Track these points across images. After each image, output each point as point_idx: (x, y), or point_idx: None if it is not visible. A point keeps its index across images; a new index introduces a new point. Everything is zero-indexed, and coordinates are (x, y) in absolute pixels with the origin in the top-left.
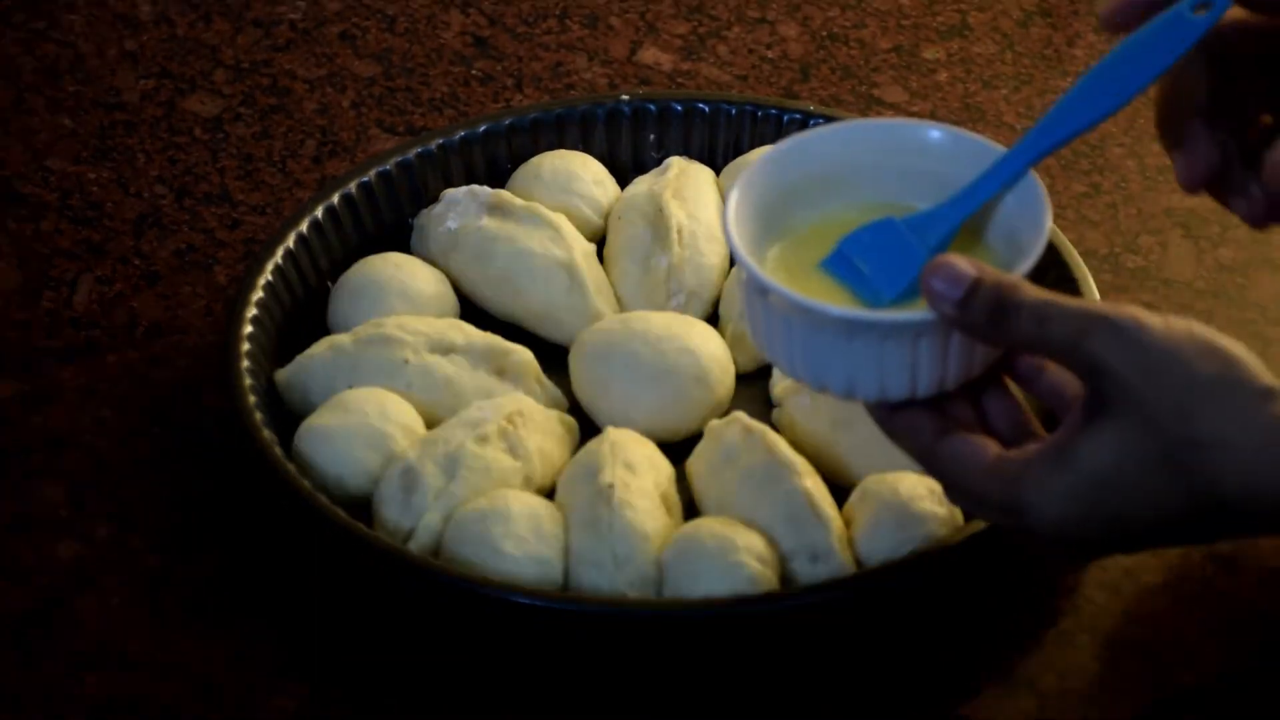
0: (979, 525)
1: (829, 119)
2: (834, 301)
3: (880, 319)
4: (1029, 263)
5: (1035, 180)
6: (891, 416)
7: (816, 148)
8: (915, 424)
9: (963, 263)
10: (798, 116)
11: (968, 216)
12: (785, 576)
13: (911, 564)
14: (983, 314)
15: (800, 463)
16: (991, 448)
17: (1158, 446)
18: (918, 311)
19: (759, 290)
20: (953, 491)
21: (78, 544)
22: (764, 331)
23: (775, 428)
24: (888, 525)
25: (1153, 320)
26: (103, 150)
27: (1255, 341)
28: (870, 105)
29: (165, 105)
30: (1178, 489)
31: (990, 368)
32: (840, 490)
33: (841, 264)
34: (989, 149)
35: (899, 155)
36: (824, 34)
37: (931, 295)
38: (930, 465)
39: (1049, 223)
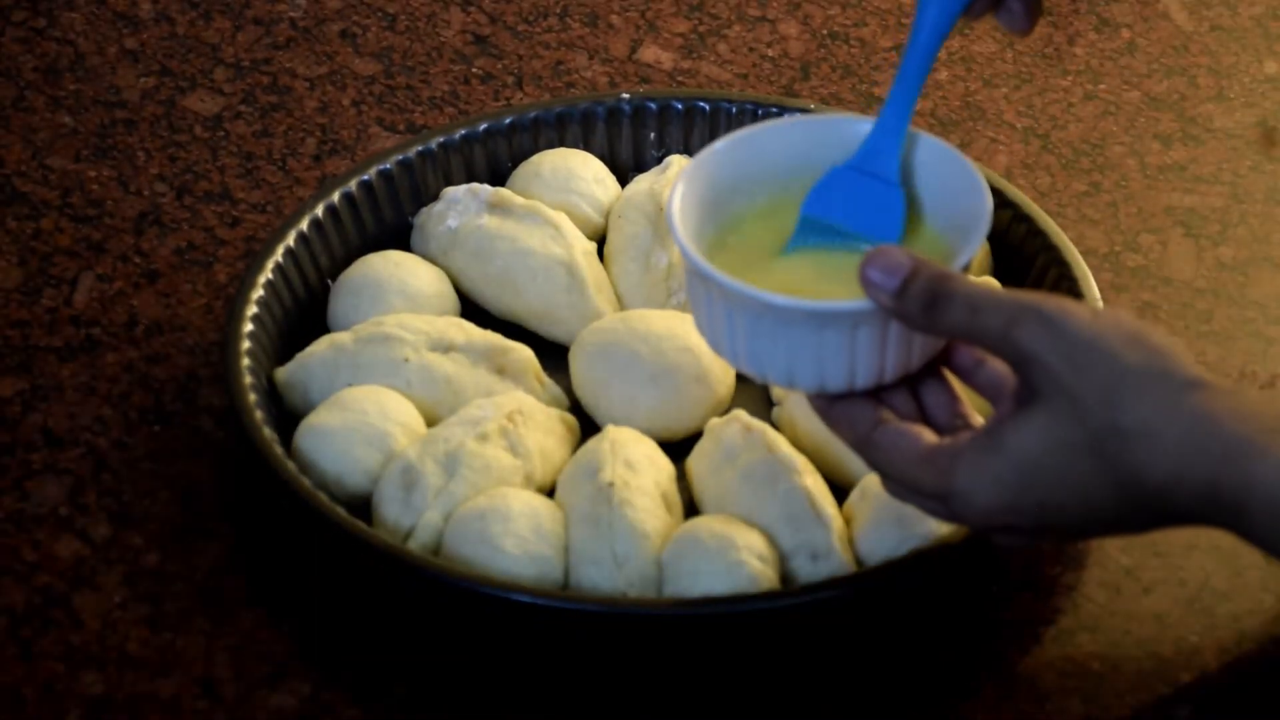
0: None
1: None
2: (803, 282)
3: (817, 307)
4: (968, 252)
5: (974, 171)
6: (830, 406)
7: (758, 143)
8: (853, 414)
9: (900, 253)
10: (798, 115)
11: (900, 138)
12: (785, 575)
13: (912, 563)
14: (917, 303)
15: (800, 461)
16: (926, 436)
17: (1084, 434)
18: (855, 301)
19: (701, 279)
20: (888, 480)
21: (78, 542)
22: (707, 321)
23: (775, 426)
24: (888, 524)
25: (1081, 310)
26: (103, 148)
27: (1255, 340)
28: (870, 103)
29: (165, 103)
30: (1104, 477)
31: (929, 361)
32: (840, 489)
33: (812, 232)
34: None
35: (837, 150)
36: (824, 32)
37: (868, 284)
38: (866, 454)
39: (987, 205)
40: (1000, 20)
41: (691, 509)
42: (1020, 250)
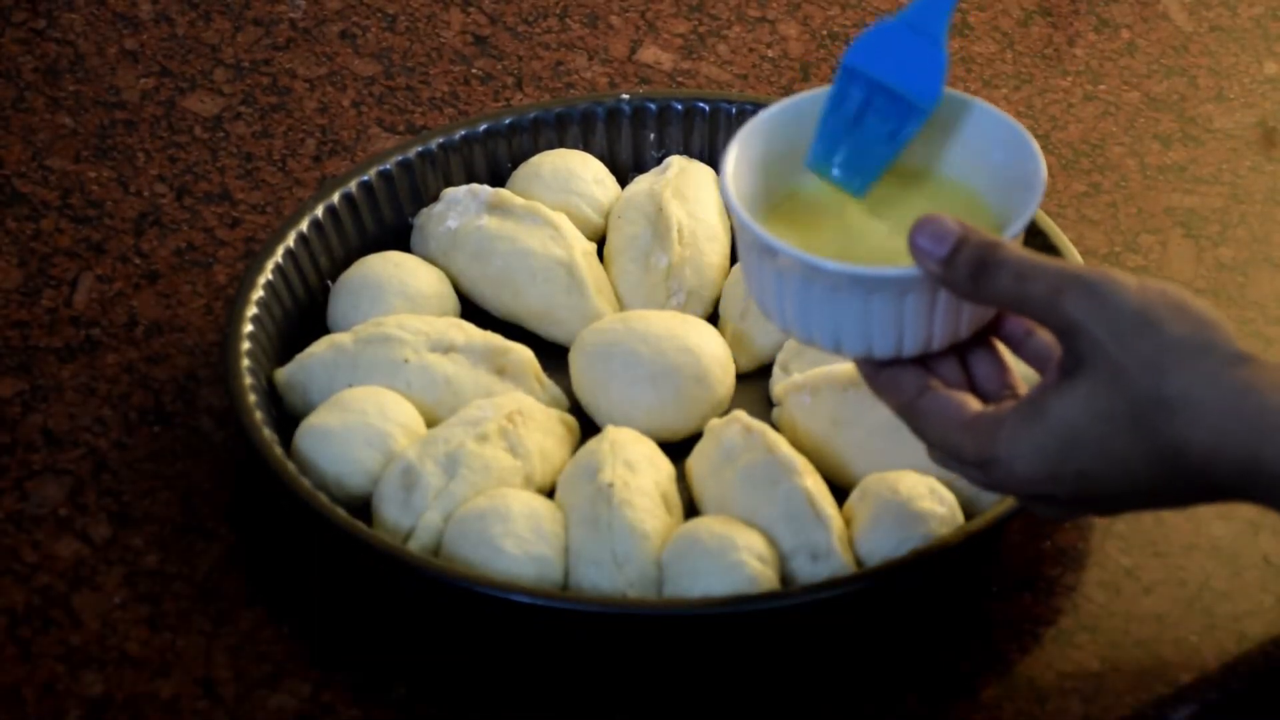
0: (979, 524)
1: None
2: (862, 249)
3: (866, 273)
4: (1020, 224)
5: (1028, 139)
6: (877, 372)
7: (816, 107)
8: (899, 379)
9: (949, 221)
10: None
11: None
12: (785, 576)
13: (912, 563)
14: (965, 270)
15: (800, 462)
16: (971, 404)
17: (1127, 405)
18: (903, 267)
19: (752, 242)
20: (931, 447)
21: (78, 542)
22: (757, 282)
23: (775, 427)
24: (888, 524)
25: (1128, 281)
26: (103, 149)
27: (1255, 340)
28: None
29: (165, 104)
30: (1145, 448)
31: (978, 330)
32: (840, 489)
33: (851, 83)
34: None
35: None
36: (824, 33)
37: (918, 252)
38: (911, 420)
39: (1042, 184)
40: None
41: (691, 509)
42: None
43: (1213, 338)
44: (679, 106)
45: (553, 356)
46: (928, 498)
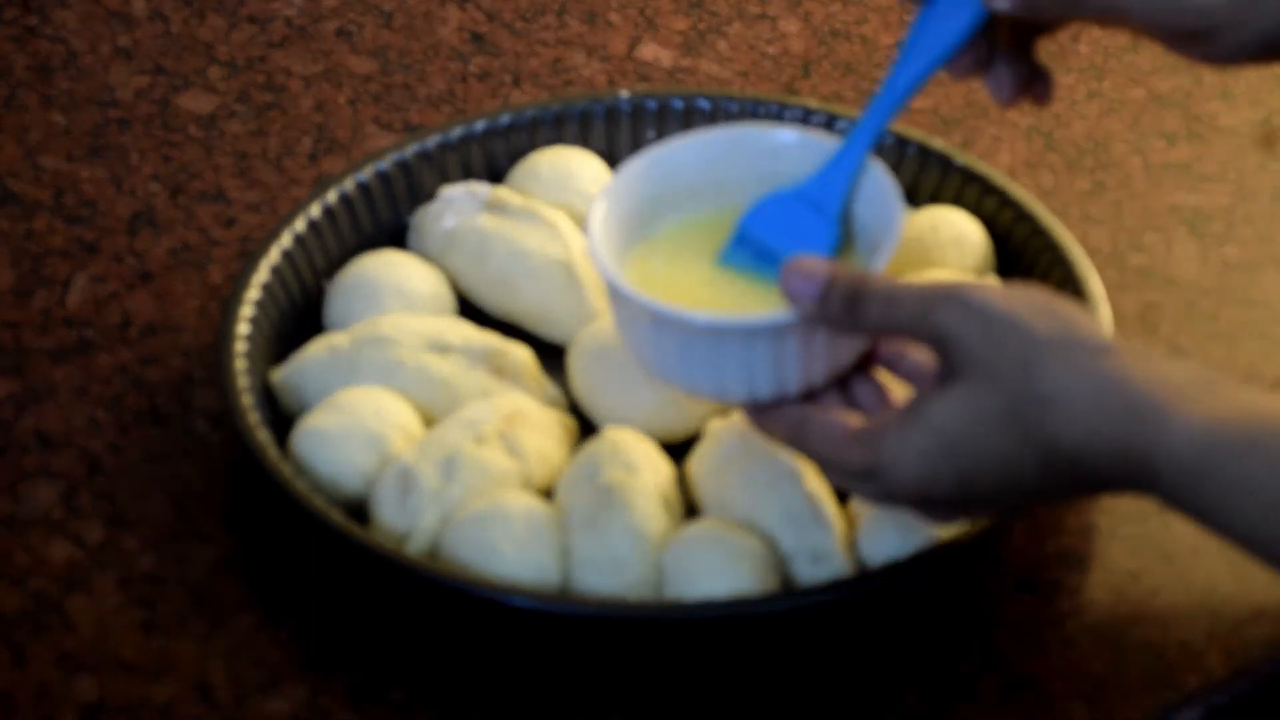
0: (981, 526)
1: (830, 116)
2: (727, 295)
3: (744, 323)
4: (884, 256)
5: (884, 175)
6: (762, 412)
7: (677, 158)
8: (783, 414)
9: (817, 262)
10: (798, 113)
11: (851, 178)
12: (786, 578)
13: (913, 565)
14: (839, 306)
15: (801, 464)
16: (853, 420)
17: (1002, 404)
18: (780, 313)
19: (624, 300)
20: (823, 468)
21: (71, 545)
22: (633, 340)
23: None
24: (889, 526)
25: (993, 289)
26: (96, 148)
27: (1260, 340)
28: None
29: (159, 102)
30: (1022, 446)
31: (857, 360)
32: (840, 490)
33: (743, 250)
34: (833, 145)
35: (755, 161)
36: (825, 30)
37: (792, 295)
38: (800, 447)
39: (901, 217)
40: (987, 85)
41: (691, 511)
42: (1023, 250)
43: (1078, 333)
44: (678, 104)
45: (551, 357)
46: None
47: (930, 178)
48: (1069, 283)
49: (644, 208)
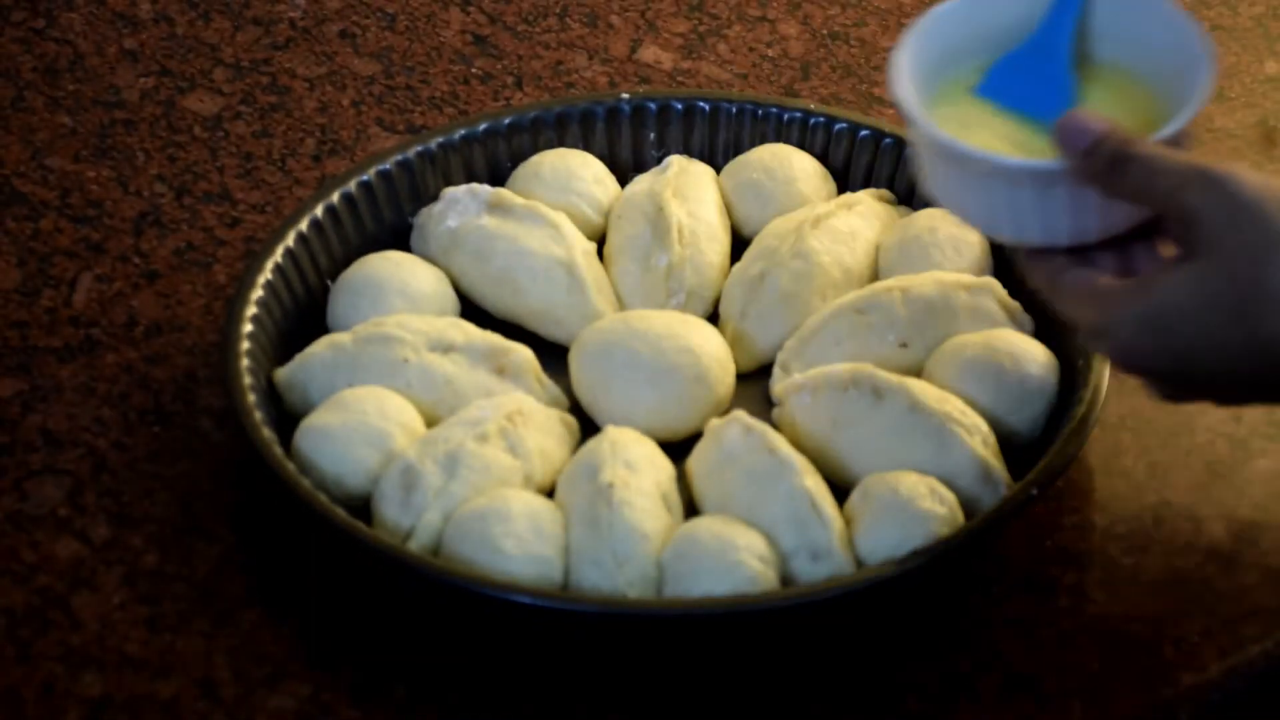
0: (979, 524)
1: (829, 118)
2: (1030, 144)
3: (1006, 163)
4: (1175, 125)
5: (1203, 44)
6: (1029, 255)
7: (979, 6)
8: (1047, 259)
9: (1093, 118)
10: (798, 115)
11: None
12: (786, 575)
13: (912, 563)
14: (1102, 164)
15: (801, 461)
16: (1101, 279)
17: (1230, 291)
18: (1044, 160)
19: (913, 127)
20: (1064, 317)
21: (77, 543)
22: (927, 170)
23: (775, 427)
24: (888, 524)
25: (1251, 176)
26: (102, 149)
27: None
28: (871, 104)
29: (165, 104)
30: (1245, 338)
31: (1137, 226)
32: (840, 489)
33: (999, 91)
34: None
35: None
36: (824, 32)
37: (1061, 145)
38: (1051, 295)
39: (1209, 82)
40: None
41: (691, 510)
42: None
43: None
44: (679, 106)
45: (553, 356)
46: (928, 498)
47: None
48: None
49: (943, 55)
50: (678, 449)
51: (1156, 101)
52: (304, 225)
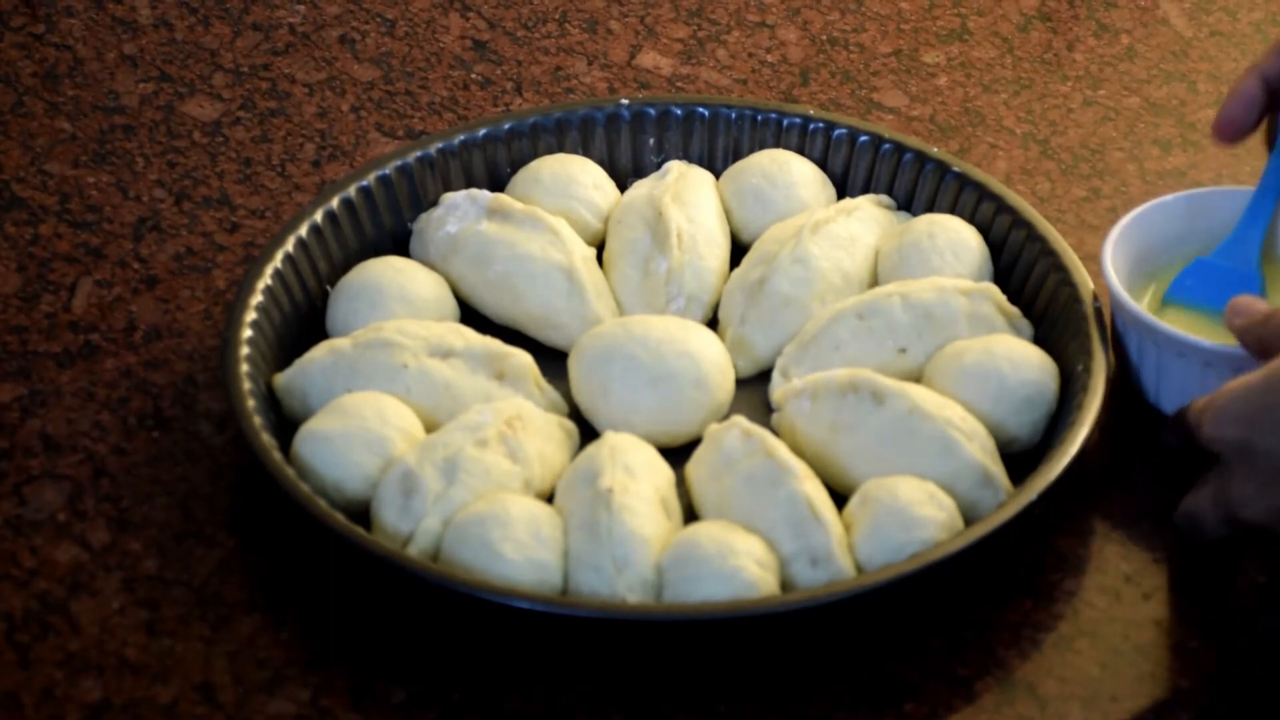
0: (979, 530)
1: (828, 123)
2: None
3: (1203, 346)
4: None
5: None
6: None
7: (1170, 209)
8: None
9: (1257, 302)
10: (797, 120)
11: (1264, 231)
12: (785, 580)
13: (911, 568)
14: (1253, 348)
15: (800, 467)
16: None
17: None
18: (1225, 344)
19: (1140, 325)
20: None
21: (76, 547)
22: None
23: (774, 432)
24: (887, 529)
25: None
26: (102, 154)
27: None
28: (870, 109)
29: (164, 109)
30: None
31: None
32: (839, 494)
33: (1190, 290)
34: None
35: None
36: (824, 38)
37: (1232, 329)
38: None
39: None
40: None
41: (691, 514)
42: (1020, 256)
43: None
44: (678, 111)
45: (552, 361)
46: (927, 503)
47: (928, 184)
48: (1065, 288)
49: (1146, 251)
50: (677, 454)
51: None
52: (303, 230)
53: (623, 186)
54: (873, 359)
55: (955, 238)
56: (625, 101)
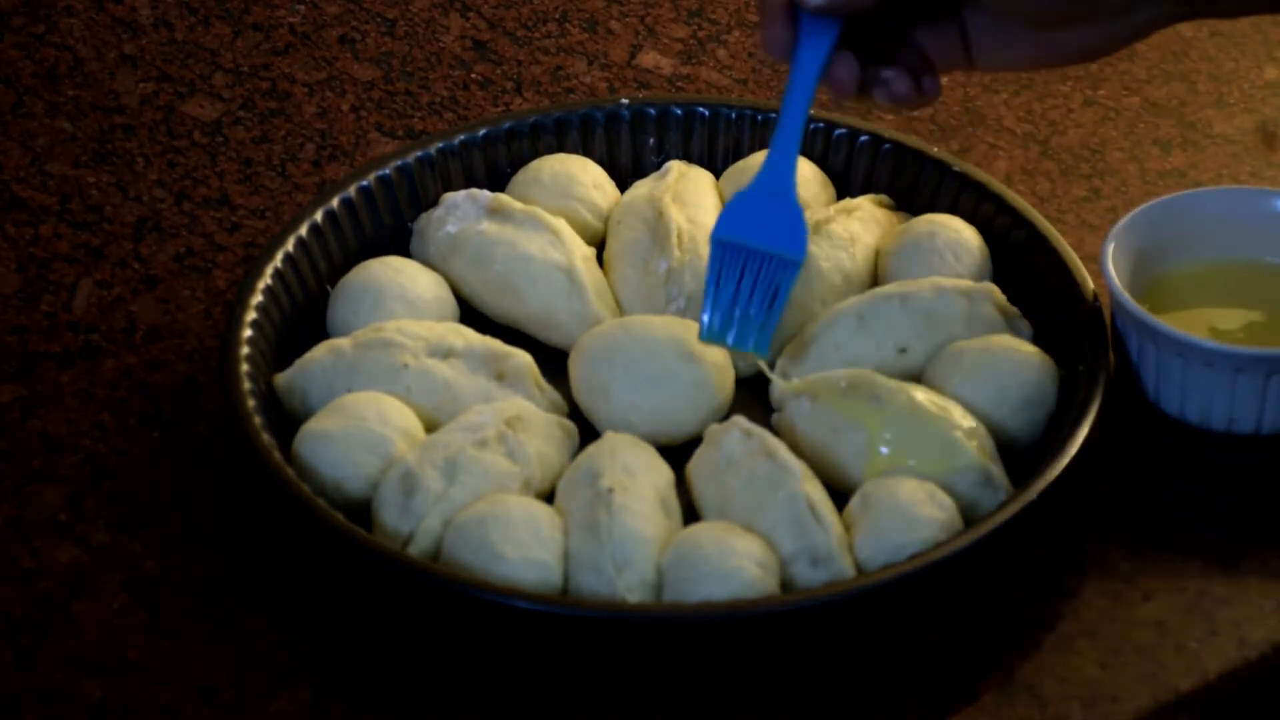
0: (979, 530)
1: (828, 123)
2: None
3: (1232, 351)
4: None
5: None
6: None
7: (1170, 209)
8: None
9: None
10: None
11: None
12: (785, 581)
13: (911, 568)
14: None
15: (800, 467)
16: None
17: None
18: (1226, 344)
19: (1140, 327)
20: None
21: (76, 548)
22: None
23: (775, 432)
24: (888, 529)
25: None
26: (102, 154)
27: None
28: (870, 110)
29: (164, 109)
30: None
31: None
32: (840, 495)
33: (726, 253)
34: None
35: (1251, 218)
36: None
37: None
38: None
39: None
40: (877, 95)
41: (691, 515)
42: (1020, 256)
43: None
44: (678, 111)
45: (552, 362)
46: (928, 503)
47: (927, 184)
48: (1065, 289)
49: (1148, 251)
50: (677, 454)
51: None
52: (303, 230)
53: (623, 186)
54: (873, 359)
55: (955, 238)
56: (625, 101)
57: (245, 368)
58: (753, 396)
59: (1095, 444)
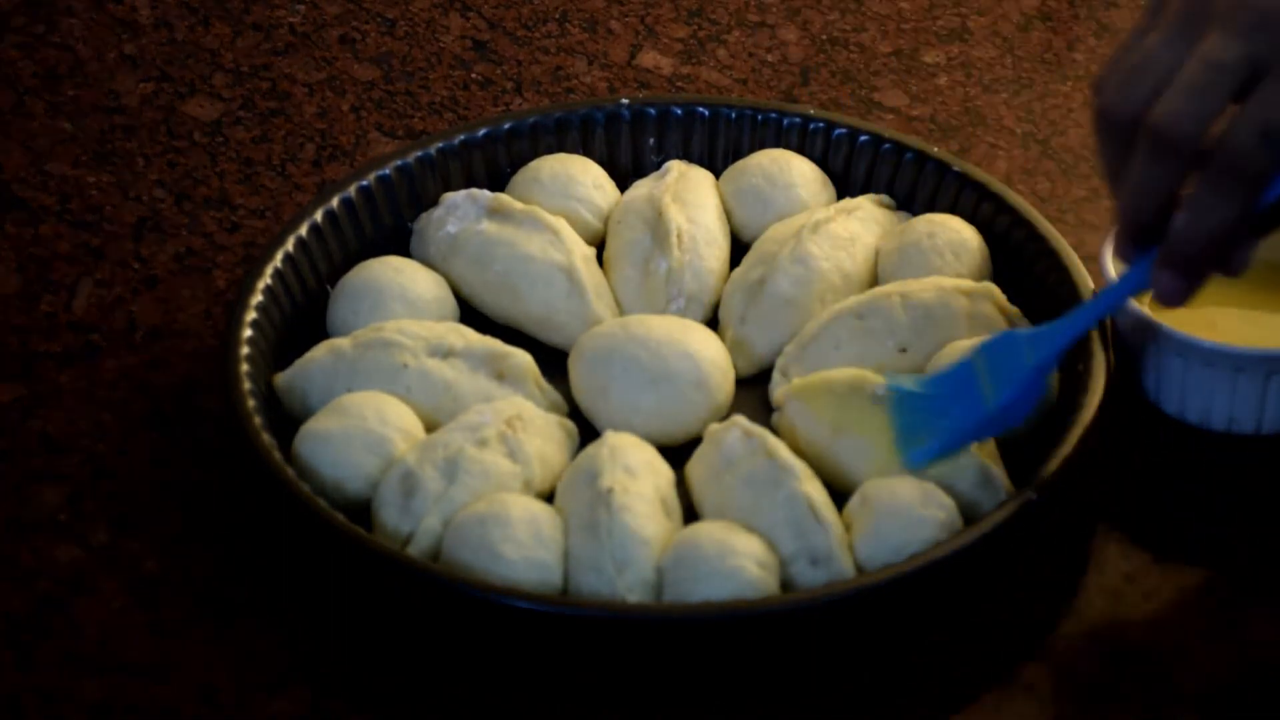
0: (979, 529)
1: (829, 123)
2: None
3: (1232, 351)
4: None
5: None
6: None
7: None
8: None
9: None
10: (797, 120)
11: (1069, 344)
12: (785, 581)
13: (911, 568)
14: None
15: (800, 467)
16: None
17: None
18: (1227, 344)
19: (1144, 327)
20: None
21: (76, 548)
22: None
23: (775, 432)
24: (888, 529)
25: None
26: (102, 154)
27: None
28: (870, 109)
29: (165, 109)
30: None
31: None
32: (840, 495)
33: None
34: None
35: None
36: (824, 38)
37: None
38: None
39: None
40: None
41: (691, 515)
42: (1020, 255)
43: None
44: (678, 111)
45: (552, 362)
46: (928, 503)
47: (928, 184)
48: (1065, 288)
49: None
50: (677, 454)
51: None
52: (303, 230)
53: (623, 186)
54: (873, 359)
55: (955, 238)
56: (625, 101)
57: (245, 368)
58: (753, 396)
59: (1095, 444)
